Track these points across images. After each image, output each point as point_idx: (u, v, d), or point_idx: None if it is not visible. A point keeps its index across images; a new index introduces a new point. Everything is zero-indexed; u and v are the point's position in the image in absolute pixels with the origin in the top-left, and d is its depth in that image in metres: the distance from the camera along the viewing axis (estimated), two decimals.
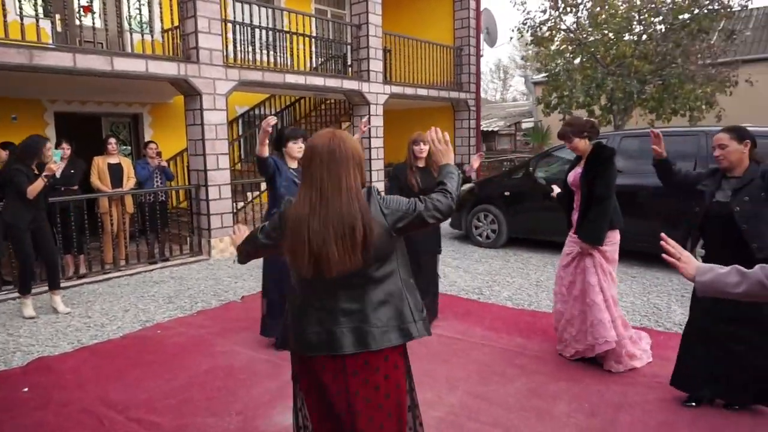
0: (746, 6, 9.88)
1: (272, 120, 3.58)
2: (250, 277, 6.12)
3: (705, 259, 3.00)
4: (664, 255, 1.72)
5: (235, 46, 7.81)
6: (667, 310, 4.78)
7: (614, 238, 3.50)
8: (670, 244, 1.72)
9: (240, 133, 10.38)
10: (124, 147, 9.56)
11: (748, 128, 3.00)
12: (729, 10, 9.64)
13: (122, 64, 6.16)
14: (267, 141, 3.70)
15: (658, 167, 3.30)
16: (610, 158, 3.41)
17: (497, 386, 3.37)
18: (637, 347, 3.63)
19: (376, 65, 9.65)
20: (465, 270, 6.35)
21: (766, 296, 1.56)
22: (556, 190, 4.00)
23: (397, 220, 1.73)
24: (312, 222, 1.66)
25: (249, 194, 8.62)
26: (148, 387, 3.45)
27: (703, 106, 9.75)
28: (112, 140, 6.78)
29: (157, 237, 7.02)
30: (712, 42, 9.93)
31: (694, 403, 3.04)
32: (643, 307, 4.86)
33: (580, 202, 3.51)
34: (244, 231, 2.13)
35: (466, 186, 4.14)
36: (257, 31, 8.13)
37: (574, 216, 3.63)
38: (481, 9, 12.28)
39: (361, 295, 1.74)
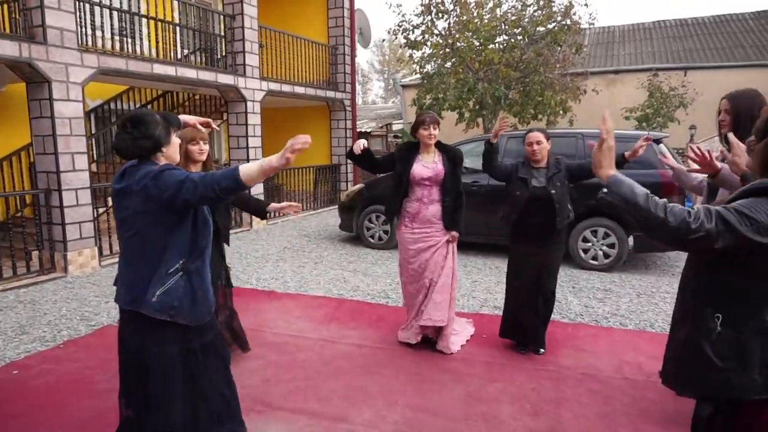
0: (593, 23, 11.07)
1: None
2: None
3: (514, 227, 3.72)
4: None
5: (85, 29, 6.72)
6: (566, 302, 5.05)
7: None
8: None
9: (93, 130, 9.04)
10: None
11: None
12: (578, 26, 10.76)
13: None
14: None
15: (487, 153, 3.74)
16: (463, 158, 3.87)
17: (435, 395, 3.22)
18: (459, 327, 4.06)
19: (253, 59, 9.06)
20: (364, 273, 6.15)
21: None
22: (363, 143, 3.61)
23: None
24: None
25: (110, 199, 7.50)
26: None
27: (560, 111, 10.77)
28: None
29: None
30: (565, 54, 11.00)
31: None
32: None
33: (442, 196, 3.70)
34: None
35: (356, 186, 3.98)
36: (114, 13, 7.09)
37: (418, 206, 3.72)
38: (355, 9, 12.23)
39: None
